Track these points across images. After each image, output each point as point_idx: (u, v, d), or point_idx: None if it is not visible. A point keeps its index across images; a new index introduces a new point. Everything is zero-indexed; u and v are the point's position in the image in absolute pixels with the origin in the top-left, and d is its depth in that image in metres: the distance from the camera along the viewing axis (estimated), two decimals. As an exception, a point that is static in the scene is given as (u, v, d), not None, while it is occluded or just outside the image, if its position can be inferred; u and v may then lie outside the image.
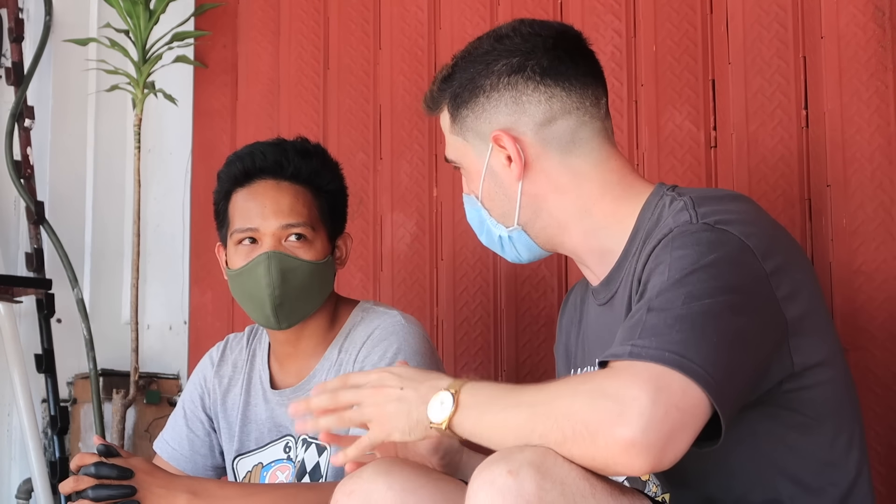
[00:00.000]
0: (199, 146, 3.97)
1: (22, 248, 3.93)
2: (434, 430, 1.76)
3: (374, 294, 3.39)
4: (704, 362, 1.64)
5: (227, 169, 2.60)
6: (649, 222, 1.93)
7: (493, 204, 2.06)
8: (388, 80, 3.46)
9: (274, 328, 2.57)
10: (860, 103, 2.57)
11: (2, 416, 3.93)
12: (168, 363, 4.01)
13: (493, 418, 1.72)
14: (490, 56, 2.02)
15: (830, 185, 2.60)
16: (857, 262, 2.55)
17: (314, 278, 2.54)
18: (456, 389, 1.76)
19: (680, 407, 1.61)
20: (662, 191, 1.97)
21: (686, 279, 1.73)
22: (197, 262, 3.93)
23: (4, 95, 3.98)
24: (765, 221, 1.90)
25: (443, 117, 2.10)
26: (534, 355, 3.07)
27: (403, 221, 3.37)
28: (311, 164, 2.58)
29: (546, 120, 1.99)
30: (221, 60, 3.93)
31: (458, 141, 2.07)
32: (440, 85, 2.08)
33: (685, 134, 2.83)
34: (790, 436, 1.84)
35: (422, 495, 1.81)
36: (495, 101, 2.01)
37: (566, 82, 2.00)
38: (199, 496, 2.36)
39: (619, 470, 1.62)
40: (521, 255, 2.10)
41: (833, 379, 1.87)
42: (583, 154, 2.00)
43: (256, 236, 2.52)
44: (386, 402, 1.81)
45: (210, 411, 2.72)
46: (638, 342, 1.67)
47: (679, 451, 1.62)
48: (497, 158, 2.02)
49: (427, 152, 3.34)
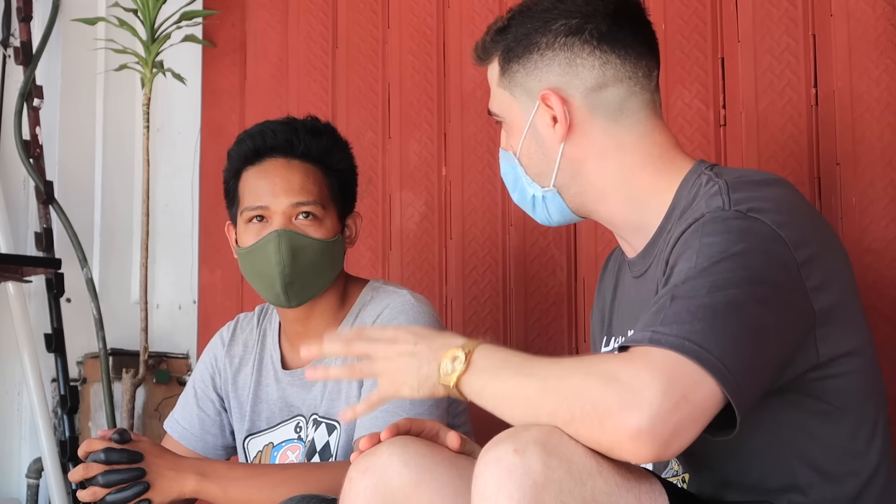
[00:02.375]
0: (208, 125, 3.97)
1: (31, 227, 3.93)
2: (442, 387, 1.76)
3: (384, 273, 3.39)
4: (722, 354, 1.63)
5: (237, 147, 2.60)
6: (685, 200, 1.91)
7: (530, 161, 2.04)
8: (396, 59, 3.45)
9: (284, 306, 2.57)
10: (870, 81, 2.57)
11: (12, 396, 3.94)
12: (177, 342, 4.01)
13: (502, 385, 1.72)
14: (549, 14, 2.00)
15: (840, 164, 2.59)
16: (866, 240, 2.55)
17: (324, 256, 2.54)
18: (470, 349, 1.75)
19: (690, 399, 1.60)
20: (701, 168, 1.95)
21: (713, 267, 1.71)
22: (206, 242, 3.94)
23: (13, 75, 3.98)
24: (801, 209, 1.87)
25: (491, 68, 2.08)
26: (543, 334, 3.08)
27: (412, 200, 3.37)
28: (321, 142, 2.58)
29: (597, 85, 1.98)
30: (230, 39, 3.93)
31: (505, 95, 2.05)
32: (494, 36, 2.06)
33: (694, 112, 2.82)
34: (812, 423, 1.83)
35: (437, 473, 1.81)
36: (549, 59, 1.99)
37: (622, 50, 1.98)
38: (207, 477, 2.37)
39: (623, 456, 1.62)
40: (551, 217, 2.08)
41: (860, 369, 1.86)
42: (629, 124, 1.99)
43: (266, 214, 2.52)
44: (398, 357, 1.81)
45: (221, 391, 2.72)
46: (659, 329, 1.65)
47: (684, 443, 1.61)
48: (542, 117, 2.00)
49: (436, 131, 3.34)
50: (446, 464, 1.83)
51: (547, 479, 1.61)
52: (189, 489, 2.35)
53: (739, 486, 1.86)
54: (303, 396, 2.60)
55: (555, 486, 1.61)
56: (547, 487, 1.60)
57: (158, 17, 3.75)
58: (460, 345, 1.77)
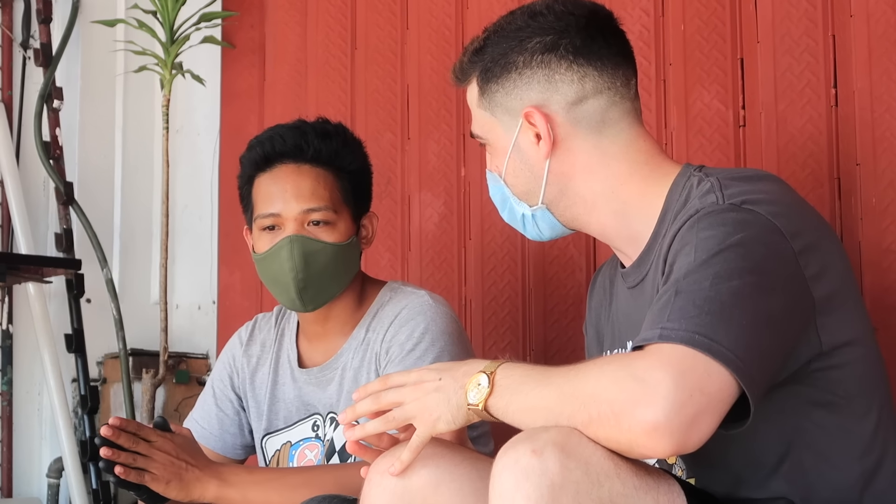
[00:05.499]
0: (227, 126, 3.98)
1: (51, 228, 3.94)
2: (474, 413, 1.77)
3: (402, 274, 3.40)
4: (733, 345, 1.64)
5: (248, 154, 2.60)
6: (677, 203, 1.92)
7: (516, 181, 2.05)
8: (415, 60, 3.46)
9: (300, 311, 2.58)
10: (890, 82, 2.56)
11: (32, 396, 3.95)
12: (197, 343, 4.02)
13: (524, 398, 1.72)
14: (523, 32, 2.01)
15: (860, 164, 2.59)
16: (886, 241, 2.54)
17: (338, 260, 2.54)
18: (492, 371, 1.76)
19: (704, 390, 1.61)
20: (689, 171, 1.96)
21: (713, 260, 1.72)
22: (225, 242, 3.94)
23: (33, 76, 4.00)
24: (793, 201, 1.89)
25: (470, 90, 2.09)
26: (562, 334, 3.07)
27: (431, 201, 3.37)
28: (331, 145, 2.58)
29: (577, 99, 1.99)
30: (249, 41, 3.94)
31: (486, 116, 2.07)
32: (471, 57, 2.07)
33: (714, 113, 2.82)
34: (817, 413, 1.84)
35: (457, 474, 1.82)
36: (528, 78, 2.00)
37: (598, 62, 1.99)
38: (228, 483, 2.38)
39: (644, 452, 1.62)
40: (542, 233, 2.10)
41: (862, 358, 1.87)
42: (612, 134, 2.00)
43: (278, 222, 2.53)
44: (426, 395, 1.81)
45: (239, 390, 2.73)
46: (667, 325, 1.66)
47: (704, 435, 1.61)
48: (525, 136, 2.01)
49: (455, 132, 3.34)
50: (466, 464, 1.83)
51: (564, 480, 1.61)
52: (210, 494, 2.36)
53: (750, 482, 1.87)
54: (319, 395, 2.61)
55: (572, 487, 1.61)
56: (564, 488, 1.61)
57: (177, 19, 3.76)
58: (482, 368, 1.77)
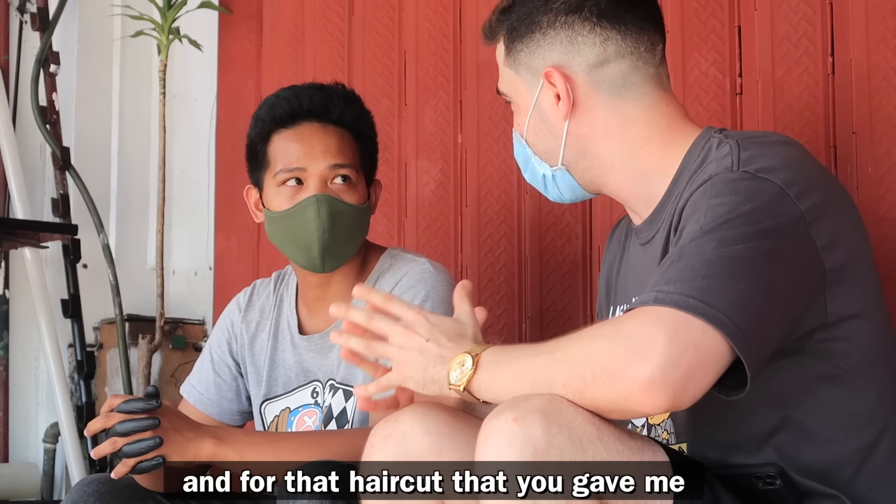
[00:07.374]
0: (224, 92, 3.97)
1: (48, 193, 3.95)
2: (452, 391, 1.77)
3: (399, 240, 3.40)
4: (729, 309, 1.64)
5: (269, 110, 2.58)
6: (694, 163, 1.92)
7: (536, 140, 2.06)
8: (413, 26, 3.45)
9: (318, 271, 2.56)
10: (887, 50, 2.56)
11: (28, 361, 3.96)
12: (193, 308, 4.03)
13: (510, 370, 1.72)
14: None
15: (856, 133, 2.59)
16: (882, 209, 2.55)
17: (358, 222, 2.56)
18: (478, 353, 1.76)
19: (699, 345, 1.61)
20: (710, 133, 1.96)
21: (720, 227, 1.72)
22: (222, 208, 3.94)
23: (30, 41, 3.99)
24: (811, 168, 1.87)
25: (498, 48, 2.10)
26: (558, 302, 3.08)
27: (428, 168, 3.37)
28: (354, 108, 2.60)
29: (599, 62, 1.99)
30: (246, 6, 3.93)
31: (511, 74, 2.07)
32: (499, 16, 2.08)
33: (710, 81, 2.82)
34: (819, 386, 1.83)
35: (459, 440, 1.81)
36: (551, 38, 2.00)
37: (622, 26, 1.99)
38: (224, 442, 2.37)
39: (641, 409, 1.62)
40: (563, 194, 2.11)
41: (870, 331, 1.86)
42: (632, 99, 2.00)
43: (303, 177, 2.52)
44: (408, 348, 1.82)
45: (237, 356, 2.73)
46: (664, 287, 1.67)
47: (700, 389, 1.62)
48: (546, 95, 2.01)
49: (452, 99, 3.34)
50: (468, 431, 1.82)
51: (547, 445, 1.61)
52: (206, 452, 2.35)
53: (745, 448, 1.86)
54: (319, 362, 2.61)
55: (555, 452, 1.62)
56: (547, 454, 1.61)
57: (175, -16, 3.76)
58: (469, 349, 1.77)
